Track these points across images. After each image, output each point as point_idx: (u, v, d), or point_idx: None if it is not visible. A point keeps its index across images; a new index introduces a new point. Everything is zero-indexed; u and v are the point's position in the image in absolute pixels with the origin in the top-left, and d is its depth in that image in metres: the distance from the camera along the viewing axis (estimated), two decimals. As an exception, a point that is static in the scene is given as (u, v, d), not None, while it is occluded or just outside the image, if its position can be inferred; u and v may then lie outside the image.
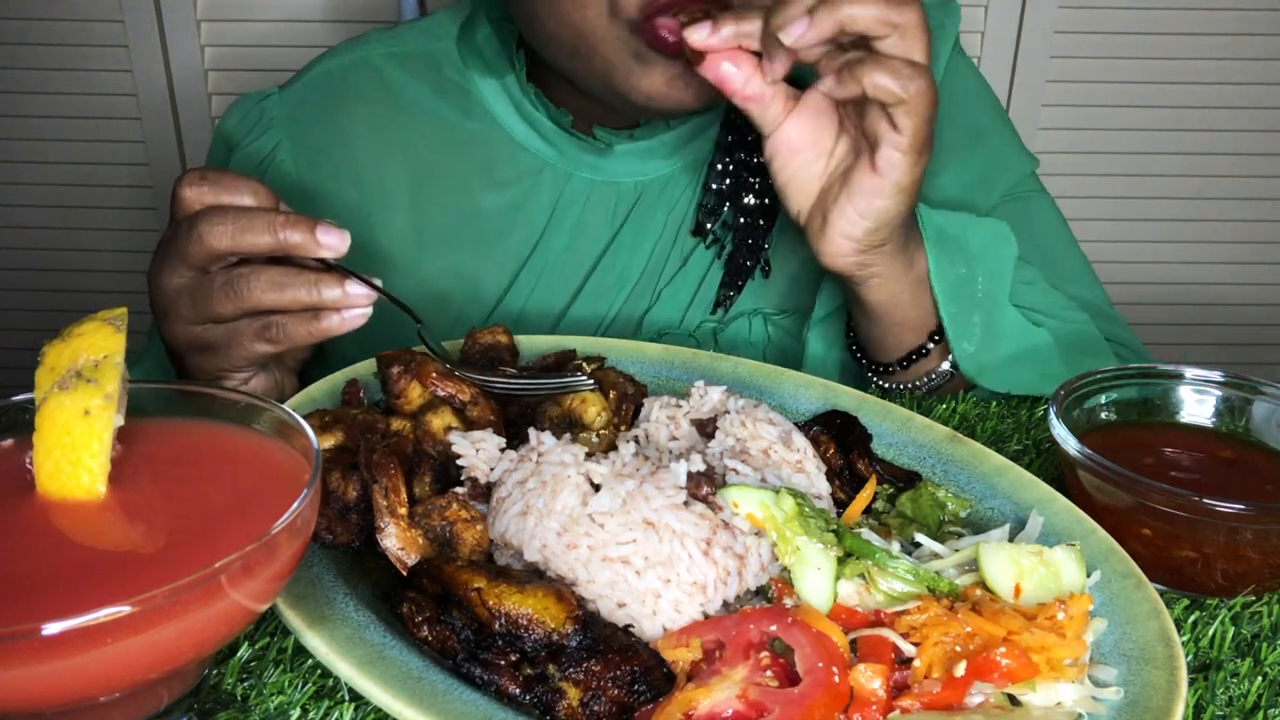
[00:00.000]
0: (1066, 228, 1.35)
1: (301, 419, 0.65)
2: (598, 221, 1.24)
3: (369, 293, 0.91)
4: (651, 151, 1.23)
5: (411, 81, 1.26)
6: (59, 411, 0.61)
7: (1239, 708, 0.71)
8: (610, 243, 1.25)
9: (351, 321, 0.91)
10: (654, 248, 1.25)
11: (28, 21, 2.35)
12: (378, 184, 1.25)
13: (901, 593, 0.73)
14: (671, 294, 1.25)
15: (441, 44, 1.28)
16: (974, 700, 0.66)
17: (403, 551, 0.76)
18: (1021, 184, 1.31)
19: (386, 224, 1.25)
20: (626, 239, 1.25)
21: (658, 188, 1.25)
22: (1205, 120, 2.51)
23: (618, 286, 1.25)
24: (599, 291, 1.25)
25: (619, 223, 1.25)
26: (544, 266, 1.25)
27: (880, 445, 0.95)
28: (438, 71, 1.27)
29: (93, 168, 2.49)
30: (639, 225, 1.25)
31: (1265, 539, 0.79)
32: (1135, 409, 0.96)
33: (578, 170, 1.24)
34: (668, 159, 1.24)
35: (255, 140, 1.27)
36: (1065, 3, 2.39)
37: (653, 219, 1.25)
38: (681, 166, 1.25)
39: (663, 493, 0.75)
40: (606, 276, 1.25)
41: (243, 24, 2.36)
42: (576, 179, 1.24)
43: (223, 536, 0.57)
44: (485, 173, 1.24)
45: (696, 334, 1.25)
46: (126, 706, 0.58)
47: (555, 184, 1.24)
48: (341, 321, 0.91)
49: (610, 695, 0.65)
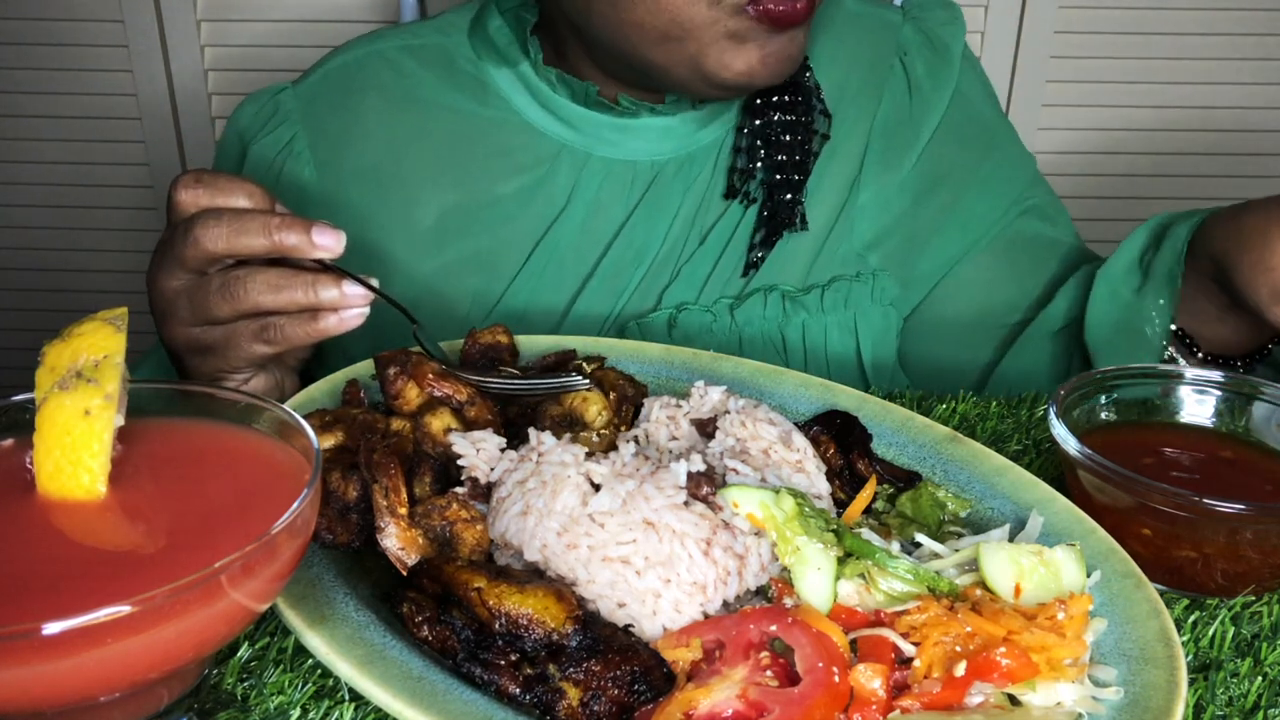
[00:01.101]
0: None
1: (301, 419, 0.65)
2: (613, 201, 1.25)
3: (365, 293, 0.91)
4: (670, 130, 1.25)
5: (426, 73, 1.28)
6: (59, 411, 0.61)
7: (1239, 708, 0.71)
8: (626, 220, 1.26)
9: (349, 322, 0.91)
10: (670, 226, 1.26)
11: (28, 21, 2.35)
12: (395, 173, 1.26)
13: (901, 593, 0.73)
14: (690, 270, 1.26)
15: (453, 38, 1.30)
16: (974, 700, 0.66)
17: (403, 551, 0.76)
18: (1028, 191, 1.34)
19: (406, 213, 1.25)
20: (642, 217, 1.26)
21: (674, 167, 1.26)
22: (1205, 121, 2.51)
23: (635, 264, 1.26)
24: (616, 269, 1.26)
25: (634, 202, 1.26)
26: (558, 245, 1.26)
27: (880, 445, 0.95)
28: (451, 63, 1.28)
29: (93, 168, 2.49)
30: (655, 204, 1.26)
31: (1265, 539, 0.79)
32: (1135, 409, 0.96)
33: (596, 149, 1.25)
34: (687, 138, 1.26)
35: (270, 133, 1.27)
36: (1065, 3, 2.39)
37: (669, 198, 1.26)
38: (701, 147, 1.26)
39: (663, 493, 0.75)
40: (624, 253, 1.26)
41: (243, 24, 2.36)
42: (594, 160, 1.25)
43: (223, 536, 0.57)
44: (502, 159, 1.26)
45: (714, 309, 1.25)
46: (126, 706, 0.58)
47: (573, 166, 1.25)
48: (340, 322, 0.91)
49: (610, 695, 0.65)
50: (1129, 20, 2.42)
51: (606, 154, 1.25)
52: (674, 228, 1.26)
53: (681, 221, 1.26)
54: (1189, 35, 2.43)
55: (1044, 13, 2.39)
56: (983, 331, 1.32)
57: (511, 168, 1.25)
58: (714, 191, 1.27)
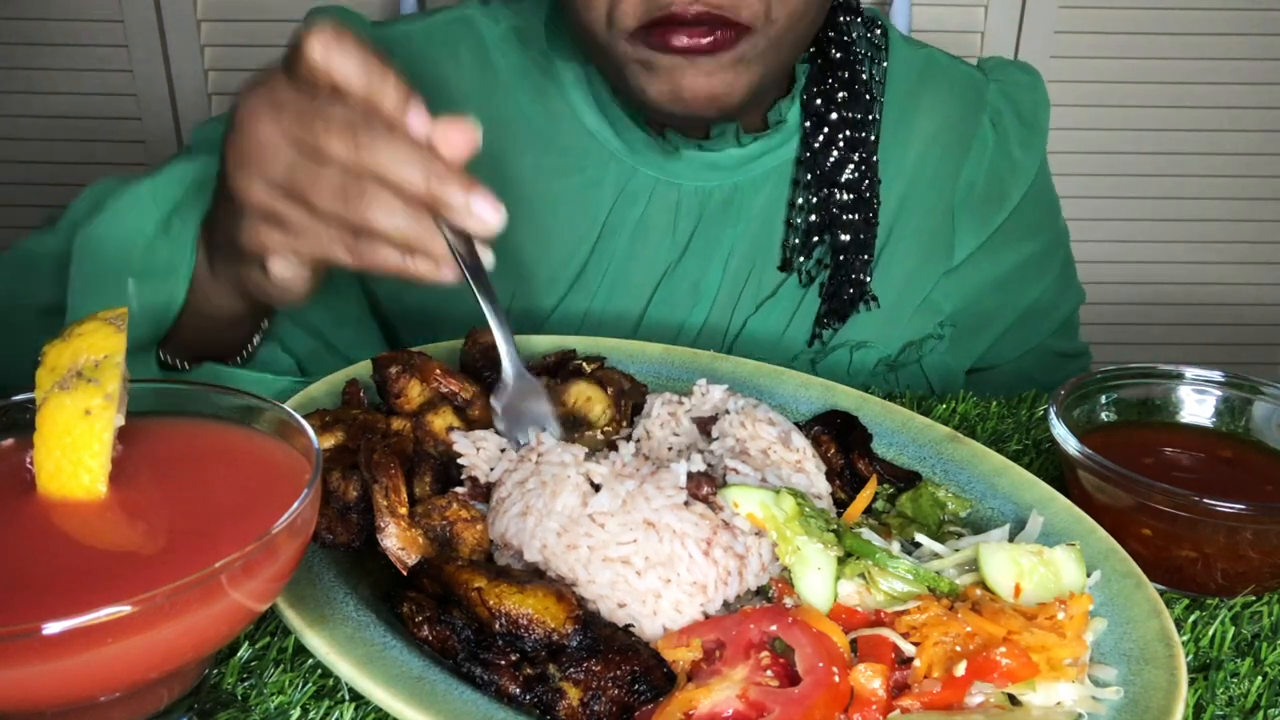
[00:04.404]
0: None
1: (301, 419, 0.65)
2: (659, 224, 1.25)
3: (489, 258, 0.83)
4: (717, 163, 1.23)
5: (502, 54, 1.25)
6: (59, 411, 0.61)
7: (1239, 708, 0.71)
8: (682, 253, 1.25)
9: (445, 276, 0.81)
10: (726, 264, 1.26)
11: (28, 21, 2.35)
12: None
13: (901, 593, 0.73)
14: (761, 321, 1.26)
15: (532, 22, 1.27)
16: (974, 700, 0.66)
17: (403, 551, 0.76)
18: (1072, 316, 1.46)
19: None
20: (698, 248, 1.25)
21: (721, 196, 1.25)
22: (1205, 120, 2.51)
23: (692, 299, 1.26)
24: (672, 301, 1.26)
25: (684, 231, 1.25)
26: (608, 267, 1.25)
27: (880, 445, 0.95)
28: (525, 49, 1.26)
29: (93, 168, 2.49)
30: (709, 236, 1.25)
31: (1265, 539, 0.79)
32: (1135, 409, 0.96)
33: (644, 167, 1.24)
34: (732, 171, 1.24)
35: None
36: (1065, 3, 2.39)
37: (720, 232, 1.25)
38: (749, 179, 1.25)
39: (663, 493, 0.75)
40: (680, 285, 1.26)
41: (243, 24, 2.36)
42: (641, 174, 1.24)
43: (223, 536, 0.57)
44: (554, 154, 1.24)
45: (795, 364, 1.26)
46: (126, 706, 0.58)
47: (620, 176, 1.24)
48: (435, 272, 0.80)
49: (610, 695, 0.65)
50: (1129, 20, 2.42)
51: (654, 173, 1.24)
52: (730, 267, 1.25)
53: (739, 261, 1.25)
54: (1189, 35, 2.43)
55: (1044, 13, 2.39)
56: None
57: (562, 166, 1.24)
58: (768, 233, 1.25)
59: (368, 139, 0.75)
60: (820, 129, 1.23)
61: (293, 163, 0.77)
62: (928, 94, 1.29)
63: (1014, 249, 1.34)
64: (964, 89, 1.32)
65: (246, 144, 0.78)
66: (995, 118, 1.31)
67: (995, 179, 1.31)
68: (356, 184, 0.76)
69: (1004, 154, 1.32)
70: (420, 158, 0.76)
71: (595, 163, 1.24)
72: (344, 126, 0.75)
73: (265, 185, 0.78)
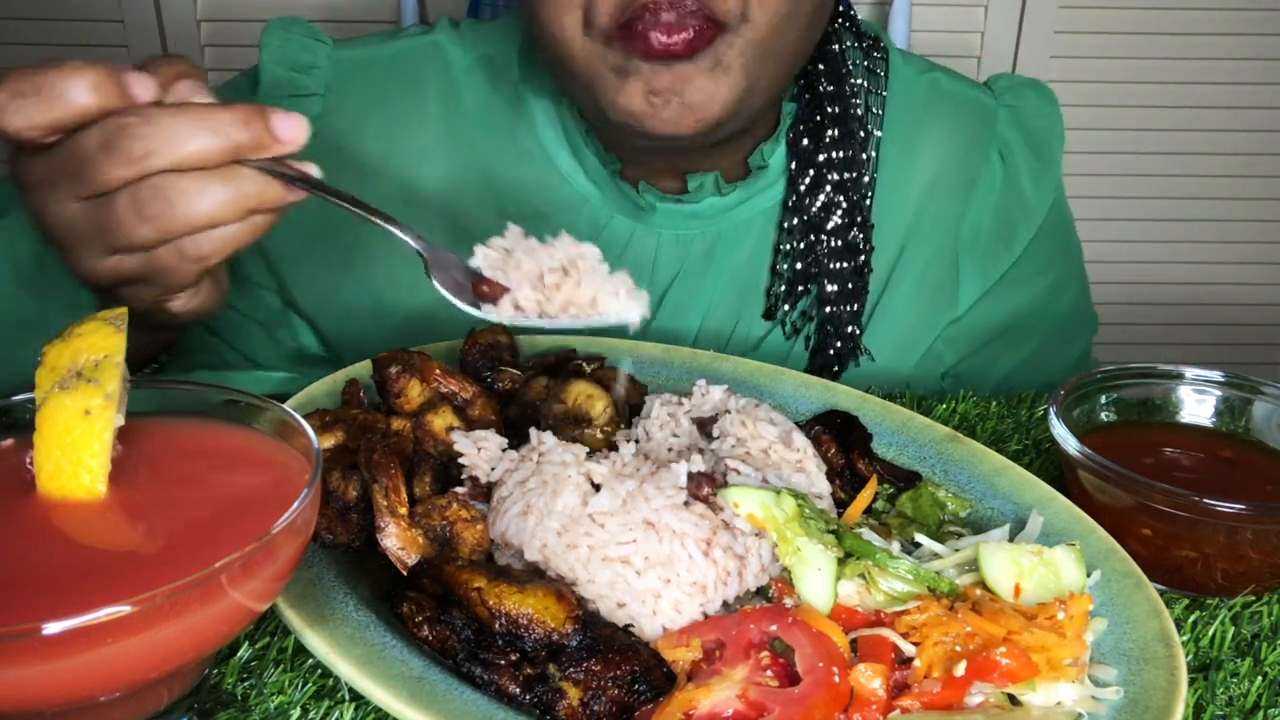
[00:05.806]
0: None
1: (301, 419, 0.65)
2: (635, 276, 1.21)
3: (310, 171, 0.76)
4: (697, 212, 1.17)
5: (470, 90, 1.19)
6: (59, 411, 0.61)
7: (1239, 708, 0.71)
8: (658, 307, 1.19)
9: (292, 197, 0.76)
10: (705, 317, 1.20)
11: (28, 21, 2.35)
12: (411, 183, 1.17)
13: (901, 593, 0.73)
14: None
15: (505, 49, 1.20)
16: (974, 700, 0.66)
17: (403, 551, 0.76)
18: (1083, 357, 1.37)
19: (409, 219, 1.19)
20: (676, 301, 1.19)
21: (703, 246, 1.19)
22: (1205, 120, 2.51)
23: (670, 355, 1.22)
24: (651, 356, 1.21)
25: (662, 282, 1.19)
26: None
27: (880, 445, 0.95)
28: (495, 81, 1.19)
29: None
30: (688, 289, 1.19)
31: (1265, 539, 0.79)
32: (1135, 409, 0.96)
33: (618, 214, 1.18)
34: (714, 219, 1.18)
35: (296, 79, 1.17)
36: (1065, 3, 2.39)
37: (699, 285, 1.19)
38: (733, 226, 1.19)
39: (663, 493, 0.75)
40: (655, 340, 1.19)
41: (243, 24, 2.37)
42: (616, 222, 1.18)
43: (223, 536, 0.57)
44: (522, 198, 1.18)
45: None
46: (126, 706, 0.58)
47: (594, 224, 1.18)
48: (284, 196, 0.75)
49: (610, 695, 0.65)
50: (1129, 20, 2.42)
51: (629, 221, 1.18)
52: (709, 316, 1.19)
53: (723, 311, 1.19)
54: (1189, 35, 2.43)
55: (1044, 13, 2.40)
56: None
57: (529, 211, 1.16)
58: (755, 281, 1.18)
59: (127, 142, 0.70)
60: (806, 171, 1.16)
61: (96, 221, 0.73)
62: (932, 127, 1.22)
63: (1023, 288, 1.26)
64: (971, 119, 1.23)
65: (53, 235, 0.76)
66: (1004, 150, 1.23)
67: (1003, 219, 1.23)
68: (151, 191, 0.71)
69: (1013, 191, 1.23)
70: (196, 124, 0.71)
71: (566, 208, 1.17)
72: (99, 148, 0.70)
73: (96, 258, 0.75)
